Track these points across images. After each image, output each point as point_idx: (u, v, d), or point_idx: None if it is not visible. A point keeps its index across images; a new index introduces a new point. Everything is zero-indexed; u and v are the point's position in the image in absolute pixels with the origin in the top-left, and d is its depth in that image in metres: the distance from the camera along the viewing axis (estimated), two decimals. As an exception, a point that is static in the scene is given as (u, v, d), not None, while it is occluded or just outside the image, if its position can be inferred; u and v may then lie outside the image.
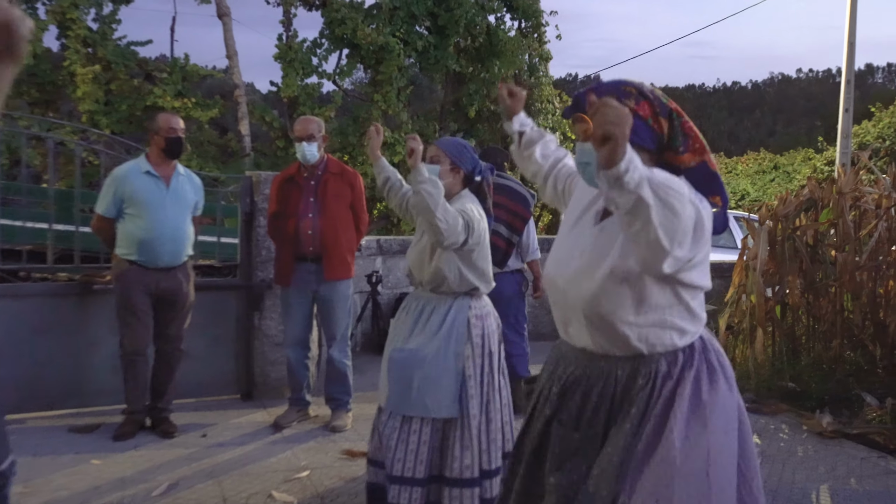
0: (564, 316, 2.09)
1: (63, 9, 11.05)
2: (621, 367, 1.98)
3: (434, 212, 3.10)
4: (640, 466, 1.86)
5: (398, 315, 3.52)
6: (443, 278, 3.33)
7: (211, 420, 5.10)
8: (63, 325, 5.23)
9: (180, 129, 4.80)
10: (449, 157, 3.40)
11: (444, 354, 3.26)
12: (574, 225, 2.14)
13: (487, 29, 13.47)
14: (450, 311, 3.33)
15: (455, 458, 3.23)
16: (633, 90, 1.98)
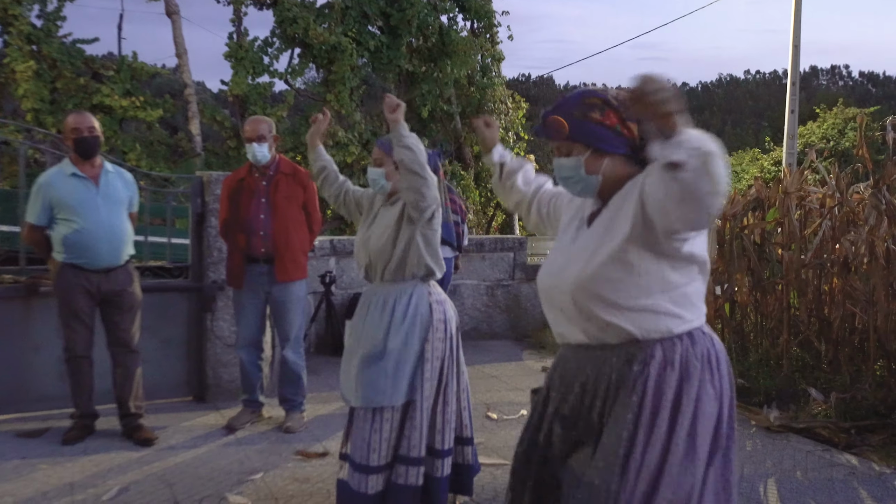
0: (556, 316, 2.11)
1: (5, 4, 10.79)
2: (616, 354, 1.99)
3: (424, 164, 3.18)
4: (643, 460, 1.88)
5: (361, 312, 3.51)
6: (406, 262, 3.37)
7: (162, 423, 5.03)
8: (7, 329, 5.11)
9: (87, 127, 4.61)
10: (391, 157, 3.40)
11: (410, 342, 3.32)
12: (562, 237, 2.19)
13: (440, 29, 13.51)
14: (412, 299, 3.37)
15: (404, 437, 3.31)
16: (598, 100, 2.01)
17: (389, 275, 3.41)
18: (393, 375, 3.30)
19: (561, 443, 2.08)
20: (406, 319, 3.34)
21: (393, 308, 3.37)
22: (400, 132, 3.19)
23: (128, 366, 4.80)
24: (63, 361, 4.74)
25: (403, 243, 3.38)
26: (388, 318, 3.37)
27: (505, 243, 8.19)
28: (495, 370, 6.69)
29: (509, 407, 5.53)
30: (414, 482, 3.29)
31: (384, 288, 3.43)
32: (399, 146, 3.20)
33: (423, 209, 3.29)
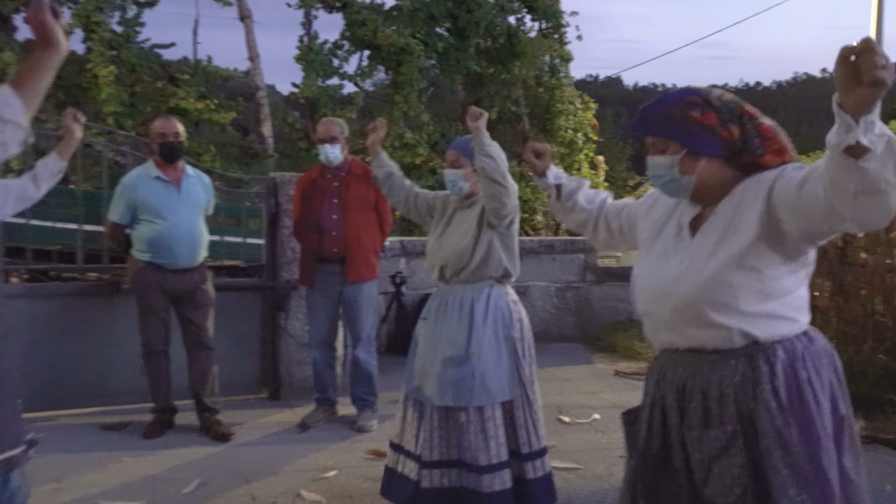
0: (660, 324, 2.06)
1: (88, 12, 11.18)
2: (734, 357, 1.93)
3: (504, 173, 3.21)
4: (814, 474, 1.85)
5: (435, 312, 3.51)
6: (485, 264, 3.39)
7: (238, 419, 5.12)
8: (91, 325, 5.29)
9: (172, 133, 4.76)
10: (469, 159, 3.42)
11: (496, 341, 3.35)
12: (653, 245, 2.12)
13: (507, 30, 13.48)
14: (490, 300, 3.40)
15: (528, 434, 3.37)
16: (699, 99, 1.96)
17: (467, 276, 3.43)
18: (481, 376, 3.31)
19: (697, 451, 2.00)
20: (487, 319, 3.37)
21: (471, 309, 3.38)
22: (482, 141, 3.23)
23: (202, 362, 4.91)
24: (142, 357, 4.88)
25: (484, 246, 3.40)
26: (467, 319, 3.38)
27: (576, 245, 8.11)
28: (566, 373, 6.64)
29: (581, 410, 5.47)
30: (542, 474, 3.39)
31: (461, 289, 3.45)
32: (481, 154, 3.23)
33: (503, 216, 3.32)
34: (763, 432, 1.88)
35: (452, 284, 3.48)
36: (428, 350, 3.47)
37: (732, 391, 1.93)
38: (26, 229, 5.36)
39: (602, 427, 5.11)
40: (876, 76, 1.44)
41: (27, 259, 5.47)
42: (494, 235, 3.40)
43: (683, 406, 2.02)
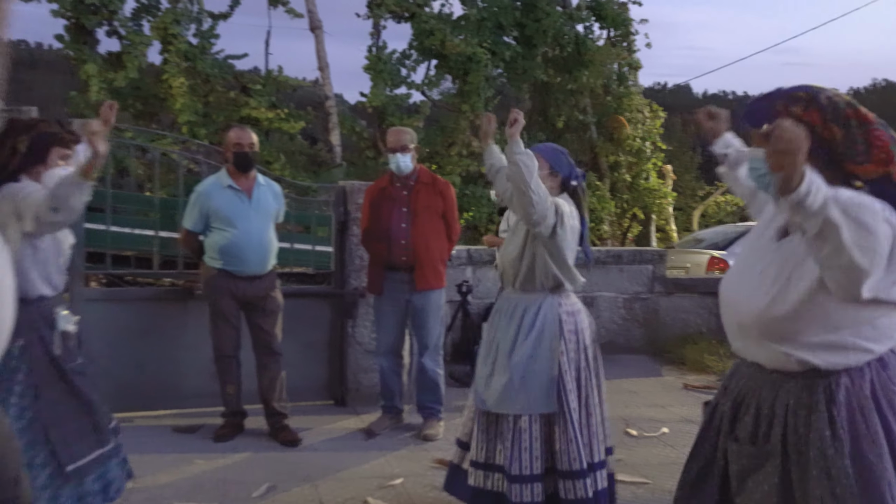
0: (735, 330, 2.05)
1: (166, 25, 11.51)
2: (794, 379, 1.90)
3: (528, 181, 3.19)
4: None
5: (493, 318, 3.59)
6: (534, 273, 3.41)
7: (305, 424, 5.18)
8: (165, 329, 5.43)
9: (247, 143, 4.86)
10: (547, 161, 3.49)
11: (538, 351, 3.34)
12: (755, 241, 2.11)
13: (575, 38, 13.41)
14: (540, 310, 3.41)
15: (563, 452, 3.30)
16: (805, 96, 1.91)
17: (520, 284, 3.47)
18: (521, 384, 3.32)
19: (736, 462, 1.99)
20: (533, 330, 3.38)
21: (521, 317, 3.42)
22: (513, 148, 3.24)
23: (271, 367, 4.98)
24: (213, 361, 4.99)
25: (530, 255, 3.44)
26: (515, 327, 3.42)
27: (643, 255, 8.00)
28: (633, 385, 6.54)
29: (649, 424, 5.39)
30: (583, 495, 3.27)
31: (516, 296, 3.50)
32: (509, 160, 3.26)
33: (534, 224, 3.30)
34: (814, 461, 1.83)
35: (509, 292, 3.54)
36: (483, 353, 3.54)
37: (784, 413, 1.90)
38: (106, 235, 5.53)
39: (671, 441, 5.01)
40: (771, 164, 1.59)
41: (107, 264, 5.64)
42: (539, 245, 3.41)
43: (736, 417, 2.02)
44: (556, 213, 3.32)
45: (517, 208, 3.35)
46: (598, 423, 3.43)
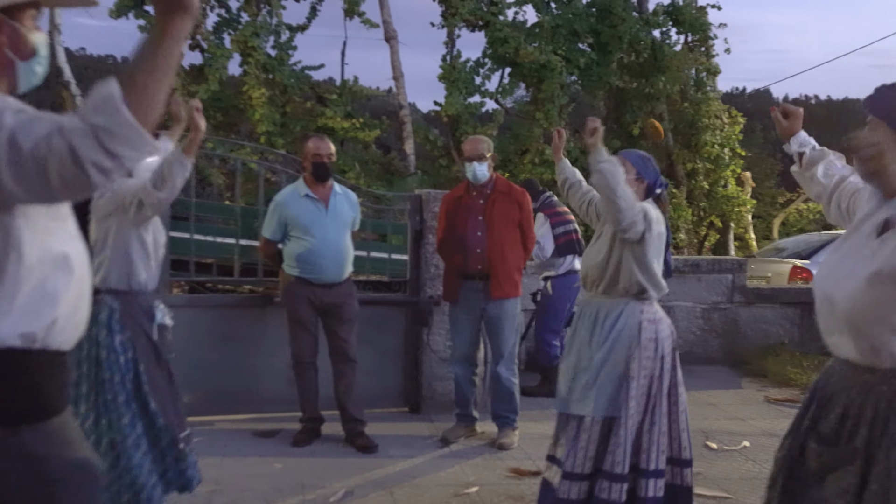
0: (829, 325, 2.04)
1: (245, 38, 11.79)
2: (886, 383, 1.88)
3: (615, 188, 3.20)
4: None
5: (575, 323, 3.60)
6: (618, 279, 3.40)
7: (380, 431, 5.22)
8: (245, 335, 5.55)
9: (326, 153, 4.94)
10: (634, 167, 3.49)
11: (611, 356, 3.34)
12: (847, 237, 2.10)
13: (652, 44, 13.21)
14: (621, 316, 3.39)
15: (608, 453, 3.31)
16: None
17: (603, 289, 3.46)
18: (592, 387, 3.35)
19: (815, 460, 1.96)
20: (611, 334, 3.37)
21: (602, 322, 3.41)
22: (597, 157, 3.26)
23: (347, 375, 5.04)
24: (291, 367, 5.08)
25: (615, 261, 3.42)
26: (596, 331, 3.42)
27: (723, 265, 7.83)
28: (712, 397, 6.40)
29: (729, 437, 5.26)
30: (616, 498, 3.26)
31: (598, 301, 3.49)
32: (594, 169, 3.27)
33: (623, 230, 3.30)
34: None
35: (593, 297, 3.52)
36: (567, 361, 3.54)
37: (871, 415, 1.87)
38: (189, 243, 5.70)
39: (752, 455, 4.89)
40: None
41: (190, 271, 5.80)
42: (626, 250, 3.39)
43: (819, 415, 2.01)
44: (645, 218, 3.31)
45: (605, 215, 3.37)
46: (663, 432, 3.38)
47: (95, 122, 1.43)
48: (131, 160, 1.48)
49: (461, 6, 12.63)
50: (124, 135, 1.44)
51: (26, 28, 1.77)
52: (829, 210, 2.45)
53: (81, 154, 1.42)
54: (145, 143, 1.48)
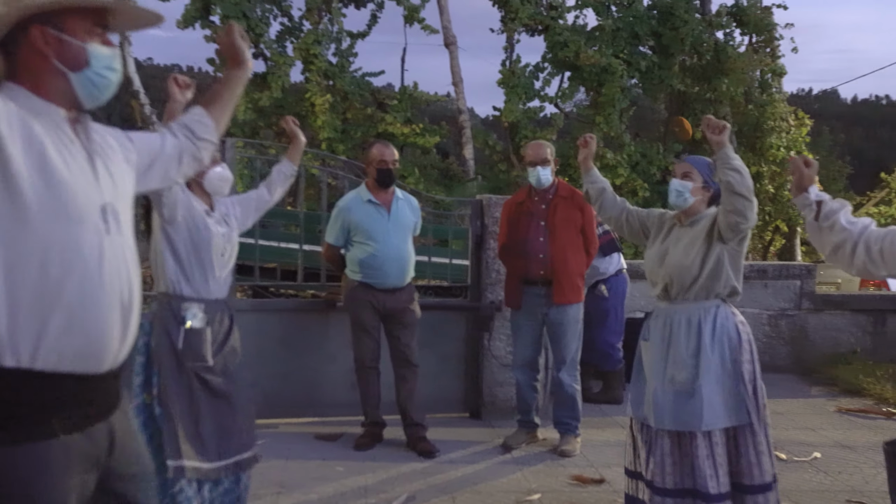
0: None
1: (307, 45, 11.98)
2: None
3: (750, 186, 3.15)
4: None
5: (661, 332, 3.42)
6: (713, 281, 3.30)
7: (441, 436, 5.22)
8: (308, 339, 5.61)
9: (391, 160, 4.96)
10: (702, 175, 3.42)
11: (721, 364, 3.24)
12: None
13: (715, 46, 12.98)
14: (717, 319, 3.30)
15: (752, 465, 3.22)
16: None
17: (693, 294, 3.33)
18: (708, 399, 3.22)
19: None
20: (715, 339, 3.27)
21: (699, 328, 3.29)
22: (727, 154, 3.18)
23: (408, 379, 5.05)
24: (353, 371, 5.12)
25: (712, 262, 3.31)
26: (695, 339, 3.29)
27: (790, 270, 7.63)
28: (780, 406, 6.23)
29: (799, 448, 5.12)
30: None
31: (687, 307, 3.35)
32: (726, 168, 3.17)
33: (741, 231, 3.25)
34: None
35: (677, 303, 3.38)
36: (655, 373, 3.39)
37: None
38: (254, 248, 5.79)
39: (824, 467, 4.75)
40: None
41: (255, 276, 5.89)
42: (724, 251, 3.30)
43: None
44: None
45: (728, 216, 3.21)
46: (769, 443, 3.30)
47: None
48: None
49: (521, 11, 12.62)
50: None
51: (76, 37, 1.77)
52: (854, 258, 2.37)
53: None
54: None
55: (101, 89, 1.82)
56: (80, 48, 1.77)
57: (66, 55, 1.75)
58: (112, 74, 1.84)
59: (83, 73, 1.78)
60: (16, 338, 1.62)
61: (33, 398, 1.64)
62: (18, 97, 1.72)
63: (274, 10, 12.47)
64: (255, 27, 11.85)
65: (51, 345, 1.64)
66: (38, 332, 1.64)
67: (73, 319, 1.68)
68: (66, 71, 1.76)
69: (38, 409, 1.65)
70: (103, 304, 1.73)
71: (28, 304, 1.63)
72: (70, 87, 1.77)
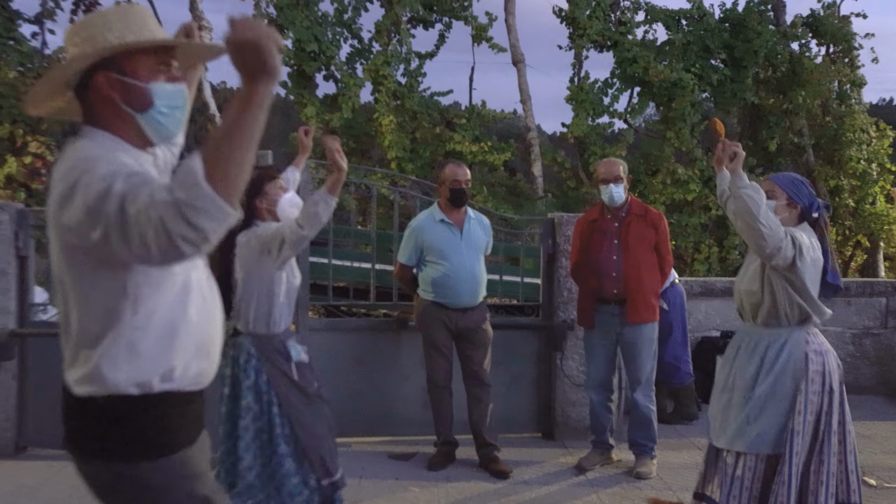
0: None
1: (377, 67, 12.11)
2: None
3: (756, 215, 3.08)
4: None
5: (730, 353, 3.45)
6: (776, 306, 3.24)
7: (514, 457, 5.18)
8: (380, 358, 5.65)
9: (464, 179, 4.97)
10: (785, 192, 3.35)
11: (777, 389, 3.20)
12: None
13: (790, 57, 12.67)
14: (785, 346, 3.24)
15: (772, 493, 3.16)
16: None
17: (762, 318, 3.30)
18: (756, 422, 3.20)
19: None
20: (776, 366, 3.22)
21: (764, 353, 3.26)
22: (737, 182, 3.17)
23: (481, 398, 5.03)
24: (426, 390, 5.12)
25: (770, 287, 3.27)
26: (757, 363, 3.27)
27: (875, 287, 7.36)
28: (867, 429, 6.00)
29: (889, 473, 4.92)
30: None
31: (757, 331, 3.34)
32: (733, 195, 3.16)
33: (768, 257, 3.16)
34: None
35: (749, 326, 3.38)
36: (722, 393, 3.39)
37: None
38: (327, 268, 5.87)
39: (916, 494, 4.55)
40: None
41: (328, 295, 5.96)
42: (778, 276, 3.24)
43: None
44: (794, 244, 3.15)
45: (748, 242, 3.22)
46: (832, 473, 3.19)
47: (179, 196, 1.47)
48: (213, 232, 1.50)
49: (589, 27, 12.55)
50: (205, 208, 1.46)
51: (140, 78, 1.80)
52: None
53: (170, 227, 1.47)
54: (226, 215, 1.49)
55: (167, 126, 1.85)
56: (143, 89, 1.80)
57: (131, 97, 1.80)
58: (177, 111, 1.87)
59: (148, 112, 1.81)
60: (160, 363, 1.78)
61: (168, 416, 1.81)
62: (105, 141, 1.79)
63: (344, 32, 12.65)
64: (327, 50, 12.04)
65: (183, 367, 1.81)
66: (178, 357, 1.80)
67: (201, 344, 1.85)
68: (133, 112, 1.81)
69: (170, 425, 1.82)
70: (216, 326, 1.91)
71: (165, 334, 1.78)
72: (139, 127, 1.83)
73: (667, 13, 13.01)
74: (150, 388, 1.77)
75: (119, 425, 1.76)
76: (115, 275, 1.70)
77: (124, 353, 1.73)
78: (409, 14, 12.52)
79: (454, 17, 12.78)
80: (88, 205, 1.57)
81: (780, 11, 13.42)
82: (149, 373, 1.76)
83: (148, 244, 1.50)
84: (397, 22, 12.41)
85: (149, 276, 1.73)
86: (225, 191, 1.48)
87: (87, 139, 1.78)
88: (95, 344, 1.73)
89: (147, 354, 1.76)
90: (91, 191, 1.57)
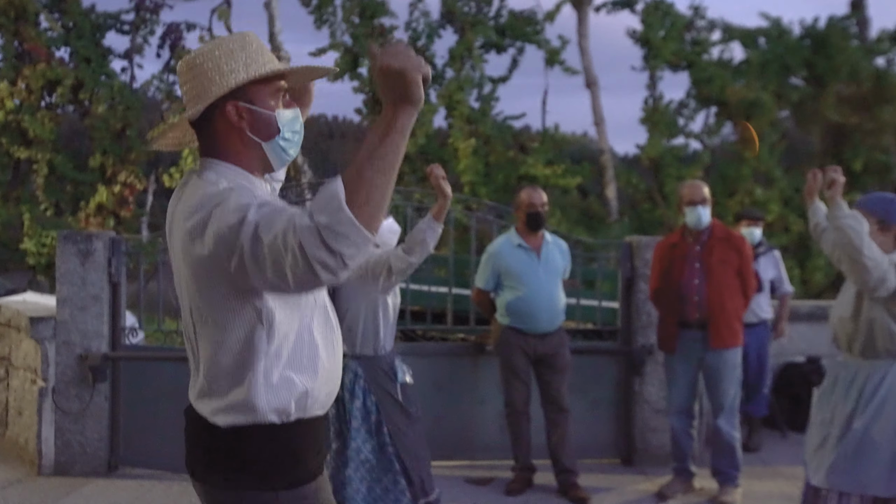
0: None
1: (450, 92, 12.25)
2: None
3: (860, 247, 2.95)
4: None
5: (828, 387, 3.31)
6: (873, 337, 3.10)
7: (593, 483, 5.13)
8: (458, 382, 5.67)
9: (541, 203, 4.97)
10: (875, 215, 3.19)
11: (878, 424, 3.05)
12: None
13: (875, 73, 12.32)
14: (885, 378, 3.09)
15: None
16: None
17: (858, 349, 3.16)
18: (853, 458, 3.06)
19: None
20: (875, 400, 3.07)
21: (862, 386, 3.12)
22: (836, 213, 3.06)
23: (559, 424, 5.00)
24: (504, 415, 5.12)
25: (865, 318, 3.13)
26: (855, 396, 3.12)
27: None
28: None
29: None
30: None
31: (855, 362, 3.19)
32: (833, 226, 3.05)
33: (871, 290, 3.03)
34: None
35: (846, 357, 3.24)
36: (819, 428, 3.25)
37: None
38: (405, 292, 5.93)
39: None
40: None
41: (406, 320, 6.02)
42: (876, 306, 3.09)
43: None
44: None
45: (850, 275, 3.10)
46: None
47: (320, 220, 1.46)
48: (353, 258, 1.48)
49: (663, 48, 12.45)
50: (346, 233, 1.45)
51: (265, 106, 1.80)
52: None
53: (308, 252, 1.46)
54: (366, 241, 1.48)
55: (289, 152, 1.86)
56: (270, 117, 1.80)
57: (259, 126, 1.80)
58: (297, 136, 1.87)
59: (275, 140, 1.82)
60: (295, 389, 1.78)
61: (303, 443, 1.82)
62: (228, 172, 1.79)
63: (420, 60, 12.87)
64: (401, 77, 12.28)
65: (315, 392, 1.82)
66: (310, 382, 1.80)
67: (328, 368, 1.85)
68: (260, 141, 1.81)
69: (305, 453, 1.83)
70: (338, 349, 1.93)
71: (298, 359, 1.79)
72: (263, 155, 1.83)
73: (744, 32, 12.82)
74: (289, 415, 1.77)
75: (258, 454, 1.76)
76: (251, 304, 1.70)
77: (262, 380, 1.73)
78: (483, 40, 12.63)
79: (527, 41, 12.83)
80: (223, 236, 1.59)
81: (864, 26, 13.08)
82: (286, 399, 1.76)
83: (284, 271, 1.51)
84: (470, 48, 12.54)
85: (281, 302, 1.73)
86: (366, 216, 1.47)
87: (210, 171, 1.79)
88: (234, 373, 1.73)
89: (283, 380, 1.75)
90: (224, 223, 1.60)
